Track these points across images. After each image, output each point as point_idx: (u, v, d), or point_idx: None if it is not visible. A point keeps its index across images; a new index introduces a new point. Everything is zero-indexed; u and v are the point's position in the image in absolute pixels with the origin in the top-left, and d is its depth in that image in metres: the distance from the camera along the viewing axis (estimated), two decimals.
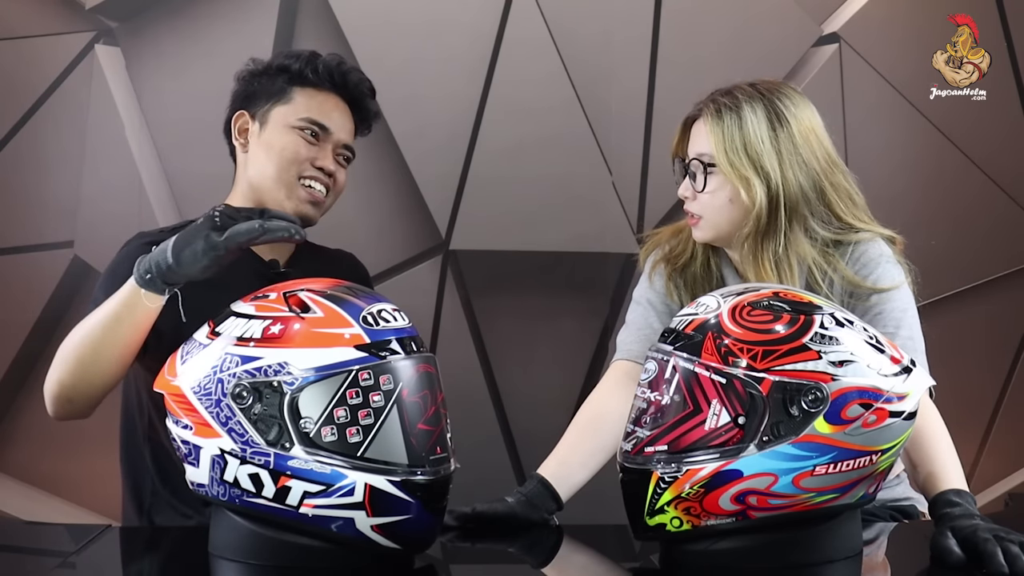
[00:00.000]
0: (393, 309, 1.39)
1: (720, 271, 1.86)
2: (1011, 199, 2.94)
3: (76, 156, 2.78)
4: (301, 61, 1.92)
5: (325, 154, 1.90)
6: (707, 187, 1.76)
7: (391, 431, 1.32)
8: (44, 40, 2.79)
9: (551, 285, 2.85)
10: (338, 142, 1.92)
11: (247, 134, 1.92)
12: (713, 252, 1.87)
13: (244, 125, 1.93)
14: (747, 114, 1.74)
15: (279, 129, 1.89)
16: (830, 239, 1.77)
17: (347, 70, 1.95)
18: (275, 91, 1.91)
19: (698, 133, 1.78)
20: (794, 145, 1.74)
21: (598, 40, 2.84)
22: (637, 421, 1.40)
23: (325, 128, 1.90)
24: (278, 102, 1.91)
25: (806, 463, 1.32)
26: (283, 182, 1.87)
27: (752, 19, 2.86)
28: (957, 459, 1.61)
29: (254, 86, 1.93)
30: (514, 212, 2.83)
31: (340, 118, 1.93)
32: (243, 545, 1.38)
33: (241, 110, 1.93)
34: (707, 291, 1.80)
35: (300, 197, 1.88)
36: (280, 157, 1.87)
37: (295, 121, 1.89)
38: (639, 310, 1.91)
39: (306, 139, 1.88)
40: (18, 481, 2.80)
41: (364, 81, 1.98)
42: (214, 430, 1.34)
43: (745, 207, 1.74)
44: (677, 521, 1.36)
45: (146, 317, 1.57)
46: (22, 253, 2.79)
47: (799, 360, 1.33)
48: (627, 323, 1.93)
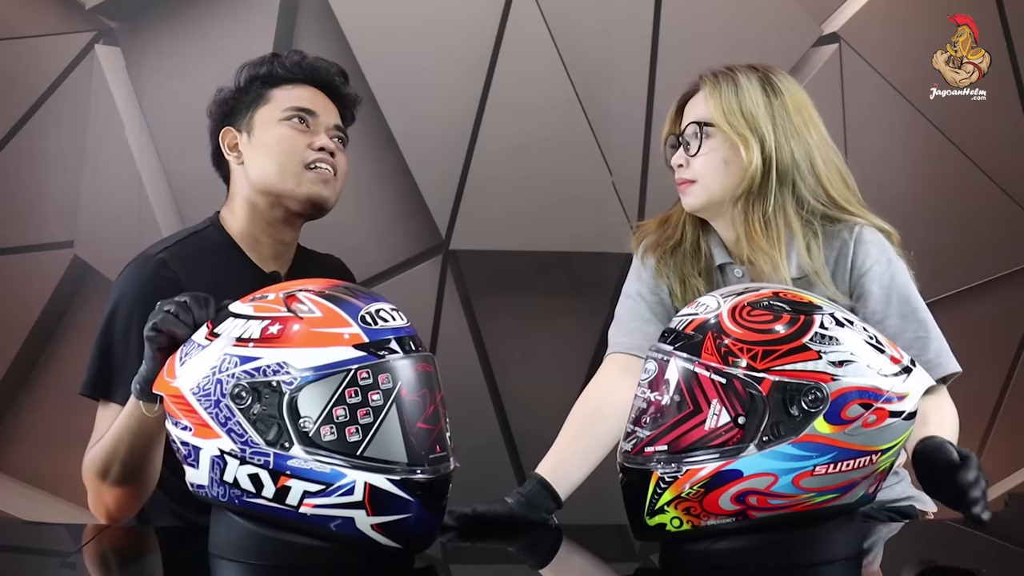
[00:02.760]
0: (391, 309, 1.39)
1: (709, 249, 1.87)
2: (1011, 199, 2.94)
3: (76, 156, 2.78)
4: (266, 64, 1.93)
5: (319, 136, 1.90)
6: (702, 150, 1.80)
7: (390, 430, 1.32)
8: (44, 40, 2.79)
9: (551, 285, 2.85)
10: (328, 124, 1.92)
11: (237, 147, 1.92)
12: (703, 231, 1.88)
13: (232, 140, 1.93)
14: (743, 81, 1.80)
15: (267, 126, 1.89)
16: (820, 212, 1.80)
17: (313, 60, 1.96)
18: (252, 99, 1.92)
19: (695, 104, 1.84)
20: (787, 113, 1.80)
21: (598, 40, 2.84)
22: (637, 421, 1.39)
23: (312, 112, 1.91)
24: (258, 106, 1.91)
25: (806, 463, 1.32)
26: (288, 173, 1.87)
27: (752, 19, 2.86)
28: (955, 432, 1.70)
29: (230, 105, 1.94)
30: (514, 212, 2.83)
31: (322, 103, 1.94)
32: (243, 545, 1.38)
33: (225, 127, 1.93)
34: (696, 272, 1.85)
35: (310, 180, 1.88)
36: (277, 150, 1.87)
37: (280, 114, 1.89)
38: (628, 303, 1.91)
39: (296, 127, 1.89)
40: (18, 481, 2.80)
41: (332, 66, 1.98)
42: (213, 431, 1.34)
43: (739, 169, 1.78)
44: (677, 521, 1.36)
45: (155, 422, 1.60)
46: (22, 253, 2.79)
47: (799, 360, 1.33)
48: (616, 317, 1.93)
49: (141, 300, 1.77)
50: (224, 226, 1.93)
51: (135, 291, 1.81)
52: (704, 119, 1.80)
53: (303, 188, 1.88)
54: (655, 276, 1.89)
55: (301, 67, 1.94)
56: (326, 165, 1.89)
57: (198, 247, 1.90)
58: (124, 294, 1.82)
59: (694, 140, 1.81)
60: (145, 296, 1.77)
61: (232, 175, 1.94)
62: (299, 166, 1.87)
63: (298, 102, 1.91)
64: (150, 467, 1.71)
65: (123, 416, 1.66)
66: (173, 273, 1.83)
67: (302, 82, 1.94)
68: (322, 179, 1.89)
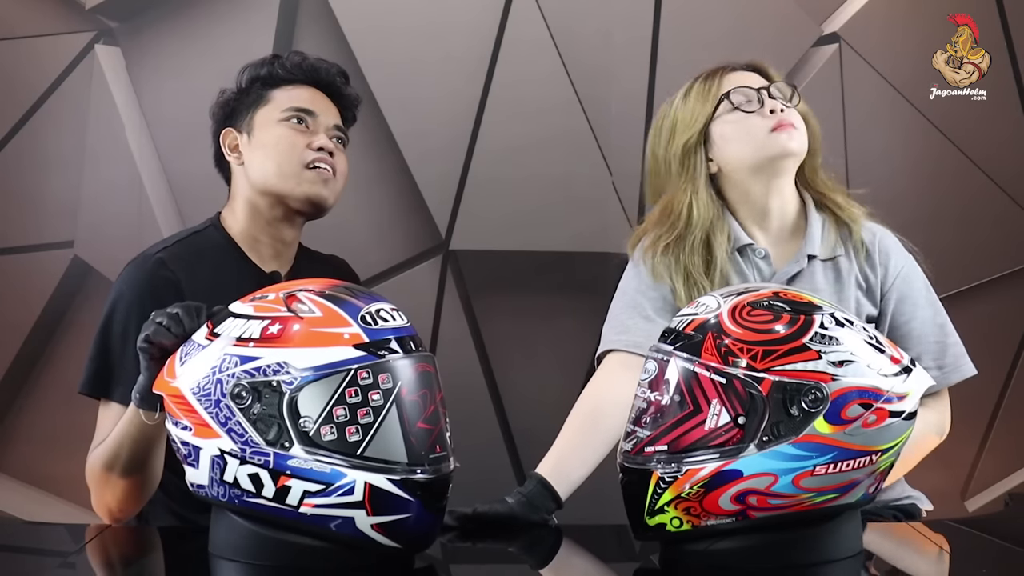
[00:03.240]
0: (391, 309, 1.39)
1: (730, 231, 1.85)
2: (1011, 199, 2.93)
3: (76, 156, 2.78)
4: (267, 65, 1.94)
5: (319, 136, 1.90)
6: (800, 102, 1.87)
7: (390, 430, 1.32)
8: (44, 40, 2.78)
9: (551, 285, 2.85)
10: (328, 124, 1.93)
11: (238, 147, 1.93)
12: (716, 217, 1.86)
13: (233, 141, 1.93)
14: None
15: (267, 127, 1.90)
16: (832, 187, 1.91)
17: (314, 61, 1.96)
18: (252, 100, 1.93)
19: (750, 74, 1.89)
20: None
21: (598, 40, 2.84)
22: (637, 421, 1.40)
23: (311, 112, 1.91)
24: (258, 107, 1.92)
25: (806, 463, 1.32)
26: (288, 173, 1.88)
27: (752, 19, 2.86)
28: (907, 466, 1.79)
29: (231, 106, 1.95)
30: (514, 212, 2.83)
31: (322, 103, 1.94)
32: (243, 545, 1.38)
33: (226, 128, 1.94)
34: (703, 267, 1.83)
35: (310, 179, 1.88)
36: (276, 151, 1.88)
37: (280, 115, 1.90)
38: (625, 299, 1.89)
39: (296, 128, 1.89)
40: (18, 481, 2.80)
41: (333, 67, 1.98)
42: (213, 431, 1.34)
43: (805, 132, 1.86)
44: (677, 521, 1.36)
45: (156, 427, 1.61)
46: (22, 253, 2.79)
47: (799, 360, 1.33)
48: (611, 315, 1.91)
49: (139, 299, 1.78)
50: (224, 226, 1.93)
51: (133, 290, 1.82)
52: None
53: (302, 188, 1.88)
54: (653, 275, 1.86)
55: (302, 68, 1.94)
56: (325, 165, 1.89)
57: (197, 247, 1.90)
58: (122, 293, 1.83)
59: (789, 93, 1.86)
60: (143, 295, 1.78)
61: (233, 175, 1.95)
62: (298, 166, 1.88)
63: (298, 102, 1.91)
64: (152, 467, 1.72)
65: (123, 422, 1.68)
66: (171, 273, 1.83)
67: (302, 83, 1.94)
68: (321, 179, 1.89)
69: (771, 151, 1.81)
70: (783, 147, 1.81)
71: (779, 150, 1.81)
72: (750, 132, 1.82)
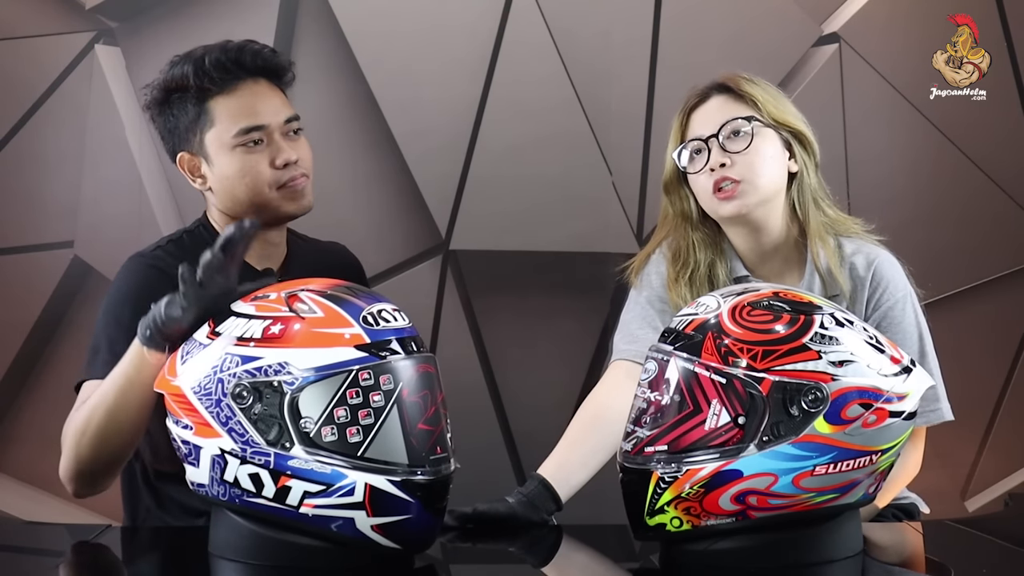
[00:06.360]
0: (393, 309, 1.39)
1: (729, 264, 1.84)
2: (1011, 199, 2.93)
3: (76, 156, 2.78)
4: (191, 75, 1.80)
5: (277, 148, 1.80)
6: (752, 144, 1.75)
7: (391, 431, 1.32)
8: (44, 40, 2.78)
9: (551, 285, 2.85)
10: (279, 123, 1.82)
11: (200, 171, 1.84)
12: (715, 249, 1.85)
13: (193, 165, 1.85)
14: (763, 83, 1.82)
15: (222, 155, 1.81)
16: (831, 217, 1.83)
17: (235, 53, 1.82)
18: (192, 117, 1.81)
19: (721, 105, 1.79)
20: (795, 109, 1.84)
21: (598, 40, 2.84)
22: (637, 421, 1.40)
23: (260, 126, 1.80)
24: (204, 130, 1.81)
25: (806, 463, 1.32)
26: (260, 202, 1.80)
27: (752, 19, 2.86)
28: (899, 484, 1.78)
29: (171, 121, 1.84)
30: (514, 212, 2.83)
31: (265, 103, 1.82)
32: (243, 545, 1.38)
33: (180, 152, 1.85)
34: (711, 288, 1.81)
35: (284, 199, 1.81)
36: (241, 183, 1.80)
37: (230, 140, 1.79)
38: (636, 310, 1.90)
39: (252, 151, 1.80)
40: (18, 481, 2.80)
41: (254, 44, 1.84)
42: (214, 430, 1.34)
43: (783, 164, 1.78)
44: (677, 521, 1.36)
45: (152, 375, 1.51)
46: (22, 253, 2.79)
47: (799, 360, 1.33)
48: (621, 324, 1.91)
49: (133, 297, 1.74)
50: (213, 226, 1.90)
51: (125, 288, 1.80)
52: (747, 114, 1.77)
53: (280, 209, 1.81)
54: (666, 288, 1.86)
55: (226, 67, 1.80)
56: (292, 173, 1.81)
57: (190, 245, 1.87)
58: (116, 291, 1.81)
59: (739, 137, 1.76)
60: (137, 293, 1.74)
61: (204, 194, 1.89)
62: (268, 190, 1.80)
63: (242, 120, 1.79)
64: (133, 428, 1.62)
65: (124, 365, 1.58)
66: (164, 270, 1.81)
67: (235, 82, 1.81)
68: (294, 193, 1.81)
69: (716, 214, 1.80)
70: (720, 213, 1.79)
71: (720, 214, 1.79)
72: (699, 191, 1.81)
